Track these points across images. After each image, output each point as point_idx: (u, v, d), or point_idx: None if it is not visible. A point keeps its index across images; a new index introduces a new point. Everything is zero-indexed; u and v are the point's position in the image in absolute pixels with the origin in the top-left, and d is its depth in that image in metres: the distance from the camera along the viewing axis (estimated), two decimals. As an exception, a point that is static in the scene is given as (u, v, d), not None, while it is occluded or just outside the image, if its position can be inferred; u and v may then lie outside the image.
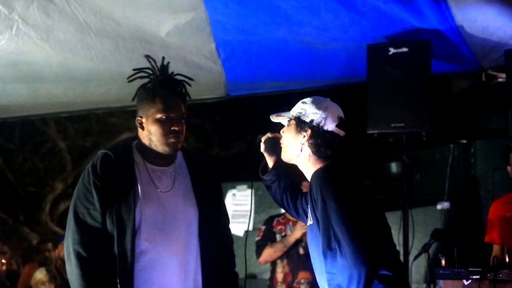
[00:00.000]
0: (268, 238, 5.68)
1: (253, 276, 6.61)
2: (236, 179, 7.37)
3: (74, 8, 4.81)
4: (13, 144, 12.21)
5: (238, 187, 7.15)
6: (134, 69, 3.35)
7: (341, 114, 3.13)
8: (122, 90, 5.46)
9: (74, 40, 5.05)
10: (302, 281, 5.57)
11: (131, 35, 5.15)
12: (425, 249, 5.05)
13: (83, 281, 3.10)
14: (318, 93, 3.25)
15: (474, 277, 4.06)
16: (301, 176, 3.21)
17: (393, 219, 6.38)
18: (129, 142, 3.38)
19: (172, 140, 3.22)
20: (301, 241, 5.55)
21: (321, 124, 3.06)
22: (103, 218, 3.16)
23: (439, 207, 6.19)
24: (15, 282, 7.29)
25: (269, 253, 5.64)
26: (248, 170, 3.48)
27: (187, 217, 3.28)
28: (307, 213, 3.23)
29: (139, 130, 3.28)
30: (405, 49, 5.26)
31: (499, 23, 4.98)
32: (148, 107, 3.22)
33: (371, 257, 2.83)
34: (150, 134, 3.23)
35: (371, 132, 5.35)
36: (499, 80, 5.69)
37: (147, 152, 3.28)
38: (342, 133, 3.11)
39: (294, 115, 3.12)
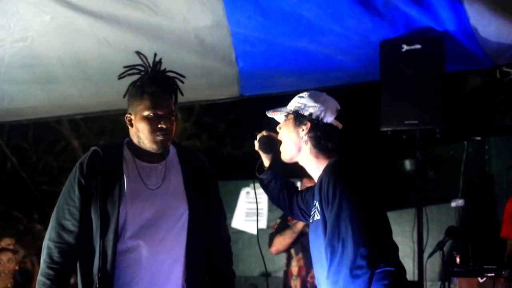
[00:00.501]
0: (281, 230, 5.68)
1: (268, 274, 6.62)
2: (249, 177, 7.37)
3: (94, 29, 4.84)
4: (27, 143, 12.27)
5: (251, 185, 7.14)
6: (124, 66, 3.33)
7: (338, 106, 3.14)
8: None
9: (90, 50, 5.09)
10: None
11: (149, 47, 5.17)
12: (439, 246, 5.04)
13: (45, 279, 3.12)
14: (332, 92, 3.26)
15: (489, 274, 4.04)
16: (299, 173, 3.20)
17: (407, 217, 6.40)
18: (122, 138, 3.35)
19: (159, 137, 3.18)
20: None
21: (320, 117, 3.07)
22: (81, 216, 3.14)
23: (453, 204, 6.17)
24: (30, 281, 7.31)
25: (279, 241, 5.63)
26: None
27: (176, 214, 3.23)
28: (305, 211, 3.24)
29: (129, 127, 3.26)
30: (418, 46, 5.23)
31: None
32: (136, 104, 3.20)
33: (374, 255, 2.81)
34: (138, 131, 3.21)
35: (384, 129, 5.33)
36: (514, 76, 5.66)
37: (137, 149, 3.25)
38: (340, 125, 3.11)
39: (292, 109, 3.11)
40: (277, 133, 3.23)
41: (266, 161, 3.33)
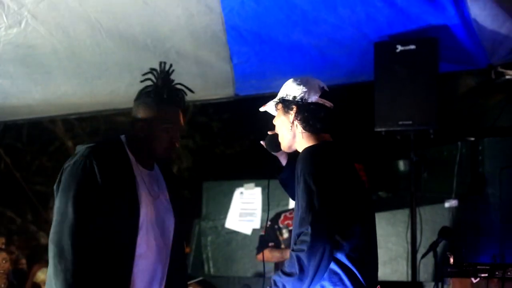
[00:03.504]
0: (270, 235, 5.71)
1: (260, 275, 6.61)
2: (243, 177, 7.38)
3: (86, 7, 4.83)
4: (20, 143, 12.24)
5: (245, 185, 7.15)
6: (143, 74, 3.31)
7: (323, 85, 3.16)
8: (131, 88, 5.48)
9: (83, 36, 5.07)
10: None
11: (143, 34, 5.18)
12: (433, 247, 5.04)
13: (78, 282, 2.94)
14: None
15: (483, 275, 4.05)
16: None
17: (401, 217, 6.40)
18: (117, 138, 3.27)
19: (173, 149, 3.26)
20: None
21: (304, 98, 3.09)
22: (104, 215, 3.02)
23: (447, 205, 6.17)
24: (24, 282, 7.29)
25: (267, 255, 5.66)
26: (255, 168, 3.47)
27: (170, 225, 3.28)
28: None
29: (137, 133, 3.22)
30: (412, 47, 5.24)
31: (509, 12, 4.95)
32: (157, 113, 3.19)
33: (334, 245, 2.80)
34: (154, 139, 3.20)
35: (378, 130, 5.34)
36: (507, 77, 5.67)
37: (140, 153, 3.23)
38: (328, 103, 3.12)
39: (279, 98, 3.16)
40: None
41: (283, 160, 3.34)
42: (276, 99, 3.17)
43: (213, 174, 10.10)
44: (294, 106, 3.09)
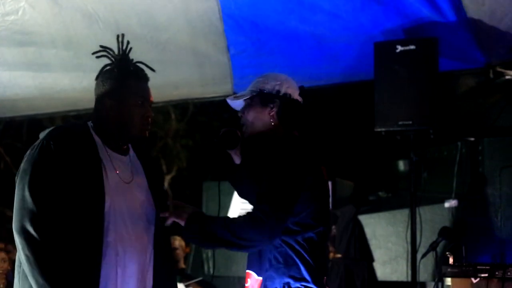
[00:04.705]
0: None
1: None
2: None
3: None
4: (20, 142, 12.25)
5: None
6: (101, 46, 3.15)
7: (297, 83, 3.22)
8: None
9: (81, 26, 5.08)
10: None
11: (141, 25, 5.18)
12: (432, 247, 5.04)
13: (44, 273, 2.73)
14: (326, 91, 3.31)
15: (482, 275, 4.04)
16: None
17: (401, 217, 6.41)
18: (83, 122, 3.08)
19: (146, 126, 3.03)
20: None
21: (288, 93, 3.13)
22: (65, 202, 2.80)
23: (447, 205, 6.17)
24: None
25: None
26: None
27: (146, 214, 3.05)
28: None
29: (105, 113, 3.00)
30: (412, 47, 5.24)
31: (507, 7, 4.95)
32: (123, 89, 3.00)
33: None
34: (123, 118, 2.97)
35: (378, 130, 5.33)
36: (507, 77, 5.67)
37: (110, 135, 3.01)
38: (302, 100, 3.19)
39: (257, 90, 3.15)
40: (233, 127, 3.26)
41: (236, 158, 3.34)
42: (252, 90, 3.16)
43: (213, 174, 10.10)
44: (277, 100, 3.11)
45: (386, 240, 6.49)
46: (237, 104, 3.26)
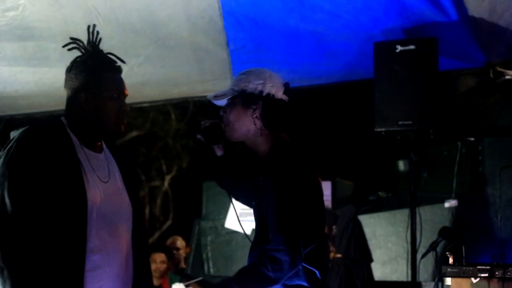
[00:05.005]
0: None
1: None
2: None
3: None
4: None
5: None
6: (71, 38, 3.06)
7: (284, 81, 3.03)
8: (127, 75, 5.49)
9: (81, 22, 5.08)
10: None
11: (141, 20, 5.19)
12: (432, 247, 5.03)
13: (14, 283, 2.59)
14: (325, 90, 3.25)
15: (483, 275, 4.04)
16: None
17: (401, 217, 6.40)
18: (56, 119, 2.96)
19: (123, 120, 2.92)
20: None
21: (271, 93, 2.95)
22: (47, 207, 2.68)
23: (446, 205, 6.16)
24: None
25: None
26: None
27: (126, 212, 2.96)
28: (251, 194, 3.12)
29: (80, 107, 2.89)
30: (412, 47, 5.24)
31: (506, 3, 4.95)
32: (97, 82, 2.89)
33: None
34: (99, 113, 2.85)
35: (378, 130, 5.33)
36: (507, 77, 5.67)
37: (85, 133, 2.89)
38: (287, 98, 3.00)
39: (239, 89, 2.99)
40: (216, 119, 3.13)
41: (219, 151, 3.23)
42: (234, 90, 3.01)
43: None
44: (259, 101, 2.95)
45: (386, 240, 6.49)
46: (220, 101, 3.10)
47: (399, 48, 5.26)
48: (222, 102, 3.09)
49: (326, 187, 6.51)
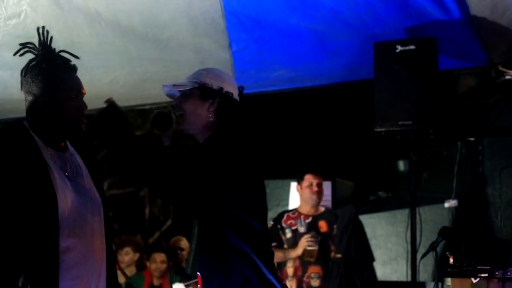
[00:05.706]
0: (273, 235, 5.70)
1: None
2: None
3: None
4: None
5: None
6: (20, 44, 3.06)
7: (237, 83, 3.18)
8: (130, 77, 5.49)
9: (83, 27, 5.08)
10: (313, 275, 5.63)
11: (143, 24, 5.19)
12: (432, 247, 5.03)
13: None
14: (326, 90, 3.27)
15: (483, 275, 4.04)
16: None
17: (401, 217, 6.41)
18: (17, 122, 2.93)
19: (83, 119, 2.91)
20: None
21: (230, 92, 3.08)
22: (17, 210, 2.68)
23: (446, 205, 6.17)
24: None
25: None
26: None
27: (98, 209, 2.94)
28: None
29: (39, 111, 2.87)
30: (412, 47, 5.25)
31: (508, 1, 4.95)
32: (55, 83, 2.88)
33: None
34: (59, 114, 2.85)
35: (378, 130, 5.34)
36: (507, 77, 5.67)
37: (47, 133, 2.87)
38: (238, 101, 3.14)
39: (199, 82, 3.09)
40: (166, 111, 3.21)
41: (167, 140, 3.23)
42: (193, 82, 3.10)
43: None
44: (218, 97, 3.07)
45: (386, 240, 6.49)
46: (172, 91, 3.18)
47: (399, 48, 5.26)
48: (174, 93, 3.17)
49: (326, 187, 6.50)
